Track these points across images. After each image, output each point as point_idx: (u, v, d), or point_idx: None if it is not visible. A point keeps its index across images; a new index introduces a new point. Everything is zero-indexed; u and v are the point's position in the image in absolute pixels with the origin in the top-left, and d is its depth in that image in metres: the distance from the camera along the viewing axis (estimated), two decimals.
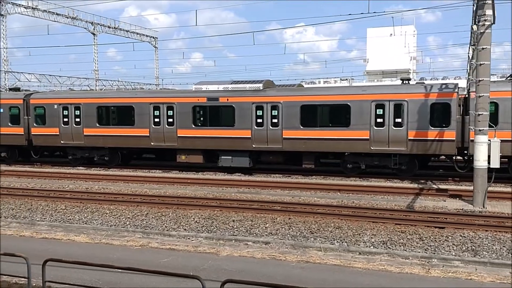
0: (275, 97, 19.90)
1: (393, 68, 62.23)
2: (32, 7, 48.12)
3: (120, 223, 12.13)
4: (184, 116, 21.18)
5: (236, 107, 20.36)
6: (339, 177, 19.36)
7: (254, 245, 10.48)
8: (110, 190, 16.22)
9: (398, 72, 61.50)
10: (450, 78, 48.91)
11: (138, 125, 21.88)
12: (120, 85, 59.25)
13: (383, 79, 56.82)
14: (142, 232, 11.50)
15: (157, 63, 68.85)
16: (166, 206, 13.33)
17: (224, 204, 13.52)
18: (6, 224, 12.39)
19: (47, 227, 12.06)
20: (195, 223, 11.79)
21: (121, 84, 60.11)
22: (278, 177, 19.89)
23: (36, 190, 16.10)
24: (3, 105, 24.70)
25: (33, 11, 48.55)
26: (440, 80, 35.89)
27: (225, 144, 20.64)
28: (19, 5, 47.11)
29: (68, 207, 13.52)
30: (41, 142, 23.98)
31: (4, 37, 47.50)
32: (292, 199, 14.32)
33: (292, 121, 19.46)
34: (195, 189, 16.51)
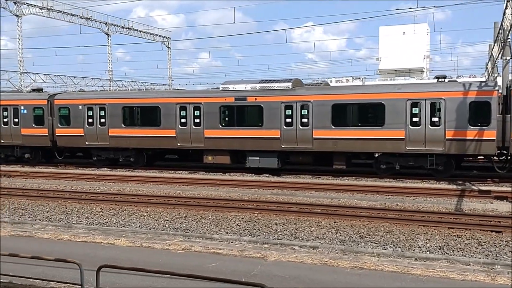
0: (305, 96, 19.44)
1: (407, 67, 61.39)
2: (47, 8, 48.36)
3: (159, 226, 11.79)
4: (211, 116, 20.84)
5: (264, 106, 19.95)
6: (372, 178, 18.84)
7: (301, 250, 10.05)
8: (142, 191, 15.91)
9: (412, 70, 60.67)
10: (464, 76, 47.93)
11: (164, 126, 21.58)
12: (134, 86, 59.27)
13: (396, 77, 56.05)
14: (182, 235, 11.14)
15: (170, 63, 68.95)
16: (203, 208, 12.96)
17: (261, 206, 13.12)
18: (42, 227, 12.13)
19: (84, 230, 11.77)
20: (237, 226, 11.40)
21: (134, 84, 60.16)
22: (308, 178, 19.42)
23: (67, 192, 15.86)
24: (26, 106, 24.62)
25: (48, 11, 48.81)
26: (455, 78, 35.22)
27: (253, 144, 20.24)
28: (34, 6, 47.32)
29: (104, 209, 13.22)
30: (65, 143, 23.82)
31: (19, 38, 47.74)
32: (332, 201, 13.86)
33: (323, 120, 18.98)
34: (227, 191, 16.12)
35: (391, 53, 62.75)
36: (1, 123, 25.07)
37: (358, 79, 53.62)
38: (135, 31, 60.93)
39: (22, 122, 24.54)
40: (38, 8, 47.85)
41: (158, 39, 65.65)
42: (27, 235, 11.54)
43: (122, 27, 59.41)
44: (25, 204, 14.01)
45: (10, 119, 24.93)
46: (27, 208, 13.65)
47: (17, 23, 47.27)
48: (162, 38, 66.18)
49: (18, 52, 48.82)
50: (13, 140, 24.97)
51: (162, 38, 66.18)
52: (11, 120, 24.92)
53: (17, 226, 12.25)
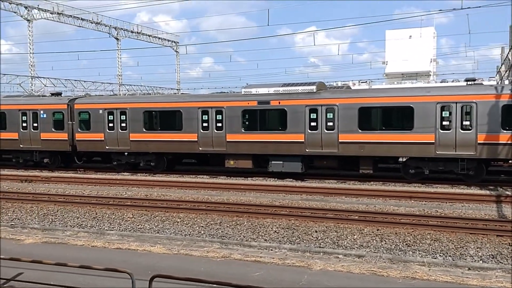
0: (330, 99, 19.13)
1: (413, 70, 61.03)
2: (58, 12, 48.50)
3: (194, 232, 11.50)
4: (234, 120, 20.59)
5: (288, 110, 19.66)
6: (400, 183, 18.48)
7: (347, 259, 9.70)
8: (170, 197, 15.66)
9: (418, 74, 60.26)
10: None
11: (186, 130, 21.36)
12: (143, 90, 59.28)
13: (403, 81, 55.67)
14: (220, 242, 10.84)
15: (178, 68, 68.92)
16: (236, 214, 12.66)
17: (295, 212, 12.80)
18: (74, 233, 11.88)
19: (118, 237, 11.50)
20: (275, 233, 11.08)
21: (143, 89, 60.17)
22: (333, 183, 19.10)
23: (94, 197, 15.62)
24: (46, 110, 24.51)
25: (59, 16, 48.95)
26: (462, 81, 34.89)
27: (276, 148, 19.95)
28: (45, 11, 47.46)
29: (136, 215, 12.96)
30: (85, 147, 23.67)
31: (30, 42, 47.85)
32: (367, 208, 13.52)
33: (349, 124, 18.65)
34: (255, 196, 15.83)
35: (398, 56, 62.50)
36: (20, 128, 25.01)
37: (365, 83, 53.26)
38: (144, 36, 61.13)
39: (42, 126, 24.42)
40: (49, 13, 48.07)
41: (166, 43, 65.83)
42: (60, 242, 11.29)
43: (131, 31, 59.61)
44: (54, 210, 13.78)
45: (29, 123, 24.83)
46: (56, 214, 13.42)
47: (28, 27, 47.42)
48: (170, 43, 66.30)
49: (29, 56, 49.01)
50: (32, 145, 24.86)
51: (170, 43, 66.30)
52: (30, 124, 24.82)
53: (48, 233, 12.01)
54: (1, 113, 25.72)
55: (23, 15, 46.54)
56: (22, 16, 46.70)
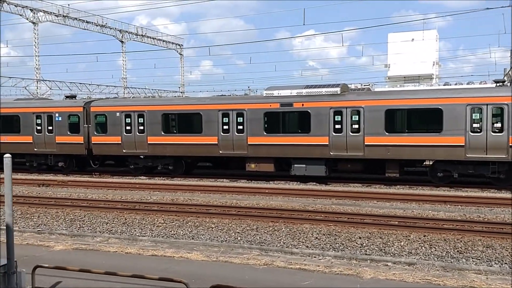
0: (356, 101, 18.73)
1: (416, 73, 60.69)
2: (63, 15, 48.32)
3: (230, 238, 11.08)
4: (255, 122, 20.19)
5: (312, 112, 19.27)
6: (427, 186, 18.05)
7: (396, 266, 9.26)
8: (197, 201, 15.25)
9: (421, 77, 59.94)
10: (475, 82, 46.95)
11: (206, 133, 20.98)
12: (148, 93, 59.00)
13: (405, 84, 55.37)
14: (259, 248, 10.41)
15: (183, 70, 68.63)
16: (271, 219, 12.24)
17: (330, 218, 12.37)
18: (105, 239, 11.47)
19: (151, 243, 11.08)
20: (316, 240, 10.65)
21: (148, 92, 59.91)
22: (358, 187, 18.68)
23: (119, 202, 15.20)
24: (61, 113, 24.16)
25: (64, 19, 48.77)
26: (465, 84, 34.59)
27: (299, 151, 19.55)
28: (51, 13, 47.27)
29: (167, 220, 12.54)
30: (101, 151, 23.29)
31: (36, 45, 47.59)
32: (405, 213, 13.08)
33: (376, 126, 18.24)
34: (285, 200, 15.39)
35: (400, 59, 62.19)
36: (34, 131, 24.65)
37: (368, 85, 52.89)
38: (149, 38, 60.94)
39: (57, 129, 24.06)
40: (54, 16, 47.88)
41: (171, 46, 65.58)
42: (91, 249, 10.87)
43: (136, 34, 59.41)
44: (81, 215, 13.37)
45: (43, 126, 24.47)
46: (83, 219, 13.01)
47: (34, 30, 47.19)
48: (174, 45, 66.07)
49: (35, 59, 48.75)
50: (47, 148, 24.49)
51: (174, 45, 66.07)
52: (45, 127, 24.46)
53: (78, 239, 11.60)
54: (15, 116, 25.40)
55: (29, 17, 46.36)
56: (28, 18, 46.50)
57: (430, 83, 57.53)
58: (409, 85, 52.02)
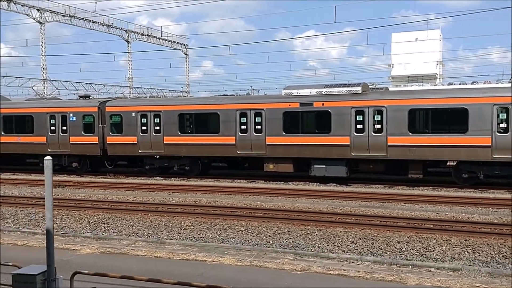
0: (378, 100, 18.37)
1: (419, 73, 60.28)
2: (70, 15, 48.17)
3: (262, 242, 10.75)
4: (274, 122, 19.86)
5: (332, 112, 18.92)
6: (451, 188, 17.67)
7: (440, 272, 8.90)
8: (220, 202, 14.92)
9: (425, 77, 59.51)
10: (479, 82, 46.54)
11: (224, 133, 20.67)
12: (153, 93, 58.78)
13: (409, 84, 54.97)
14: (293, 253, 10.08)
15: (188, 70, 68.37)
16: (301, 222, 11.89)
17: (361, 221, 12.02)
18: (131, 243, 11.16)
19: (180, 247, 10.77)
20: (352, 244, 10.31)
21: (153, 91, 59.69)
22: (380, 188, 18.32)
23: (141, 204, 14.90)
24: (75, 113, 23.89)
25: (71, 18, 48.62)
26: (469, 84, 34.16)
27: (319, 152, 19.20)
28: (57, 13, 47.12)
29: (194, 223, 12.23)
30: (117, 151, 23.01)
31: (43, 44, 47.41)
32: (438, 215, 12.71)
33: (399, 126, 17.87)
34: (310, 202, 15.04)
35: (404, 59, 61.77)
36: (48, 131, 24.39)
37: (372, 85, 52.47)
38: (154, 38, 60.73)
39: (71, 130, 23.78)
40: (61, 15, 47.73)
41: (176, 46, 65.35)
42: (119, 252, 10.58)
43: (142, 34, 59.22)
44: (104, 218, 13.08)
45: (57, 127, 24.20)
46: (108, 221, 12.72)
47: (40, 30, 47.02)
48: (180, 45, 65.83)
49: (41, 59, 48.57)
50: (61, 149, 24.22)
51: (180, 45, 65.83)
52: (59, 128, 24.19)
53: (104, 242, 11.31)
54: (28, 116, 25.17)
55: (36, 17, 46.23)
56: (35, 18, 46.37)
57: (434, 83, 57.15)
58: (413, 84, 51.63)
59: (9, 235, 12.09)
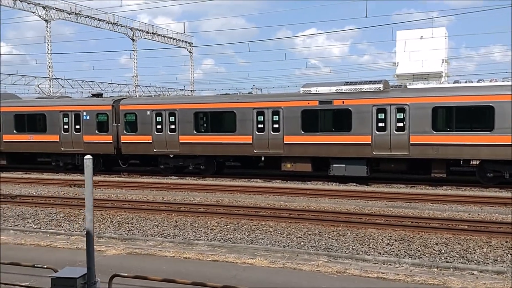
0: (400, 98, 17.99)
1: (425, 71, 59.80)
2: (75, 12, 48.01)
3: (293, 243, 10.42)
4: (292, 121, 19.52)
5: (353, 110, 18.56)
6: (476, 187, 17.28)
7: (484, 275, 8.56)
8: (243, 202, 14.62)
9: (430, 75, 59.03)
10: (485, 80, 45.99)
11: (240, 132, 20.35)
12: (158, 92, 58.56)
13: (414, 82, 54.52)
14: (326, 255, 9.75)
15: (193, 68, 68.11)
16: (331, 223, 11.56)
17: (392, 222, 11.68)
18: (158, 243, 10.87)
19: (208, 247, 10.47)
20: (388, 246, 9.97)
21: (159, 90, 59.49)
22: (402, 188, 17.96)
23: (161, 204, 14.61)
24: (89, 111, 23.63)
25: (76, 16, 48.45)
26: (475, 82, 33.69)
27: (339, 150, 18.84)
28: (63, 11, 46.98)
29: (221, 223, 11.91)
30: (131, 150, 22.73)
31: (48, 42, 47.23)
32: (471, 216, 12.35)
33: (422, 125, 17.49)
34: (335, 202, 14.71)
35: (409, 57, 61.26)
36: (61, 130, 24.15)
37: None
38: (159, 36, 60.54)
39: (85, 128, 23.52)
40: (66, 13, 47.57)
41: (180, 44, 65.13)
42: (146, 253, 10.29)
43: (147, 32, 59.05)
44: (128, 218, 12.79)
45: (71, 125, 23.94)
46: (132, 222, 12.43)
47: (46, 28, 46.85)
48: (185, 44, 65.61)
49: (47, 57, 48.40)
50: (74, 148, 23.97)
51: (185, 44, 65.61)
52: (72, 126, 23.93)
53: (129, 243, 11.02)
54: (41, 114, 24.93)
55: (41, 15, 46.08)
56: (40, 16, 46.23)
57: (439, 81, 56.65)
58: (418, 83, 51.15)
59: (31, 236, 11.85)
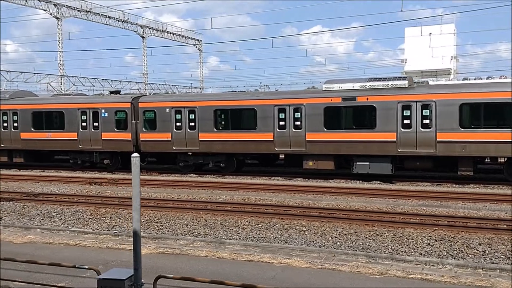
0: (426, 95, 17.62)
1: (433, 68, 59.10)
2: (86, 10, 48.06)
3: (328, 243, 10.16)
4: (314, 118, 19.23)
5: (377, 107, 18.21)
6: (504, 185, 16.88)
7: None
8: (270, 201, 14.37)
9: (439, 72, 58.34)
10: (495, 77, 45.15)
11: (261, 129, 20.09)
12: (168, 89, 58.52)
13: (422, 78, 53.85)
14: (365, 255, 9.47)
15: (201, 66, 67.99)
16: (365, 223, 11.28)
17: (426, 221, 11.38)
18: (189, 242, 10.65)
19: (241, 247, 10.24)
20: (429, 246, 9.67)
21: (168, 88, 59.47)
22: (427, 186, 17.62)
23: (187, 202, 14.41)
24: (108, 109, 23.51)
25: (87, 14, 48.49)
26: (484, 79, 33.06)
27: (363, 148, 18.52)
28: (74, 8, 47.03)
29: (252, 222, 11.68)
30: (150, 148, 22.58)
31: (60, 40, 47.32)
32: (507, 215, 12.01)
33: (449, 121, 17.12)
34: (364, 201, 14.42)
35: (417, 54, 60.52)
36: (79, 128, 24.08)
37: None
38: (169, 34, 60.50)
39: (103, 126, 23.42)
40: (77, 11, 47.64)
41: (190, 41, 65.03)
42: (178, 253, 10.08)
43: (156, 29, 59.03)
44: (156, 216, 12.61)
45: (89, 123, 23.85)
46: (161, 220, 12.24)
47: (58, 25, 46.96)
48: (194, 41, 65.48)
49: (58, 55, 48.52)
50: (92, 145, 23.88)
51: (194, 41, 65.48)
52: (90, 124, 23.84)
53: (159, 242, 10.82)
54: (59, 112, 24.88)
55: (53, 13, 46.18)
56: (52, 14, 46.33)
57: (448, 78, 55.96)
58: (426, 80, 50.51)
59: (59, 235, 11.69)
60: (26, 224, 12.67)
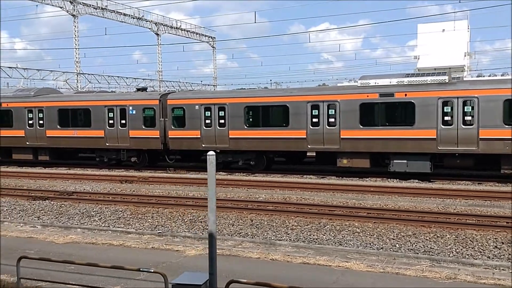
0: (468, 90, 16.99)
1: (447, 65, 57.89)
2: (101, 7, 48.03)
3: (386, 245, 9.69)
4: (349, 115, 18.70)
5: (416, 103, 17.63)
6: None
7: None
8: (313, 200, 13.93)
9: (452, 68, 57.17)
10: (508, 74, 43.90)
11: (293, 126, 19.64)
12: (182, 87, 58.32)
13: None
14: (428, 258, 8.98)
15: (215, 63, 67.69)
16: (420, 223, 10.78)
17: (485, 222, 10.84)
18: (237, 243, 10.28)
19: (293, 249, 9.82)
20: (496, 249, 9.14)
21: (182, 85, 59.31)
22: (467, 184, 17.01)
23: (227, 201, 13.99)
24: (135, 106, 23.25)
25: (103, 11, 48.46)
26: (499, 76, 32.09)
27: (401, 145, 17.95)
28: (89, 6, 47.04)
29: (300, 223, 11.27)
30: (179, 146, 22.25)
31: (76, 37, 47.36)
32: None
33: (492, 118, 16.48)
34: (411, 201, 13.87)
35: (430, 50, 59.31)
36: (106, 125, 23.86)
37: None
38: (183, 31, 60.29)
39: (131, 123, 23.15)
40: (93, 8, 47.63)
41: (204, 39, 64.76)
42: (228, 254, 9.70)
43: (171, 27, 58.86)
44: (199, 216, 12.24)
45: (116, 120, 23.61)
46: (205, 220, 11.86)
47: (74, 23, 46.99)
48: (207, 38, 65.21)
49: (74, 52, 48.58)
50: (120, 143, 23.64)
51: (207, 38, 65.21)
52: (118, 121, 23.59)
53: (206, 243, 10.34)
54: (85, 109, 24.70)
55: (69, 10, 46.24)
56: (68, 11, 46.39)
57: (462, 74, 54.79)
58: None
59: (101, 234, 11.40)
60: (66, 223, 12.42)
